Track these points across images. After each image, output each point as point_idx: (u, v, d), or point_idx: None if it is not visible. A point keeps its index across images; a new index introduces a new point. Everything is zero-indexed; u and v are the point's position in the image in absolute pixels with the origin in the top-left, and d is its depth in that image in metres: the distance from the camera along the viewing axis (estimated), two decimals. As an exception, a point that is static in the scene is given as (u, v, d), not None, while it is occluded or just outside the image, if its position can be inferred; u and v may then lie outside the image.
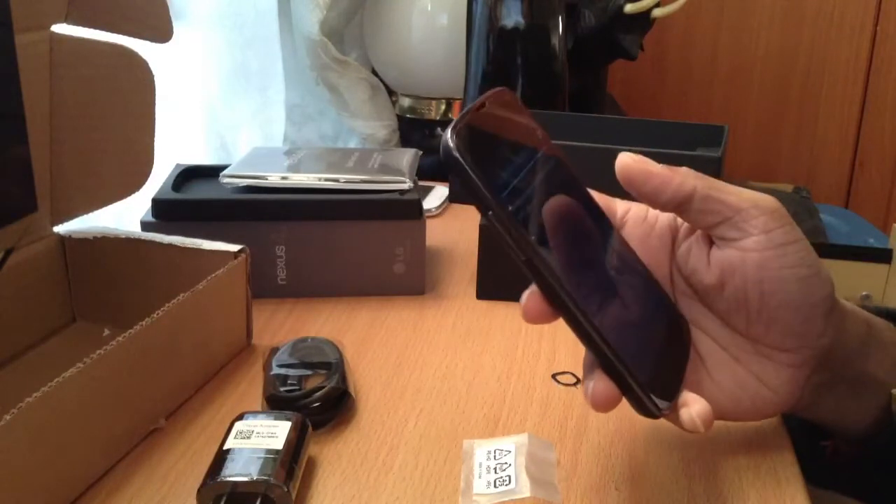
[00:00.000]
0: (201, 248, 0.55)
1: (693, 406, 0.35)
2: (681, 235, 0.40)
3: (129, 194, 0.61)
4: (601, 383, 0.35)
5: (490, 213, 0.33)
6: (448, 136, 0.32)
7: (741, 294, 0.37)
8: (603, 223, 0.38)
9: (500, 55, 0.91)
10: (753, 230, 0.36)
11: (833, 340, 0.39)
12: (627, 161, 0.37)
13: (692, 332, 0.40)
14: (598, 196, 0.39)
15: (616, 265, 0.36)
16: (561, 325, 0.63)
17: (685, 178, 0.37)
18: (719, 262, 0.37)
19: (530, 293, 0.35)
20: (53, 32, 0.54)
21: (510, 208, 0.32)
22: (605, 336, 0.34)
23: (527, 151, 0.35)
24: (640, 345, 0.35)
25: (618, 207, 0.40)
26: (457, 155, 0.32)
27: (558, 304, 0.34)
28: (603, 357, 0.34)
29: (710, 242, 0.38)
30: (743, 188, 0.38)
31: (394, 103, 1.11)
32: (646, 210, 0.40)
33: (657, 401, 0.35)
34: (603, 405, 0.35)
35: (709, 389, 0.39)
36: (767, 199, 0.37)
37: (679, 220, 0.39)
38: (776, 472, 0.45)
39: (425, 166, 0.75)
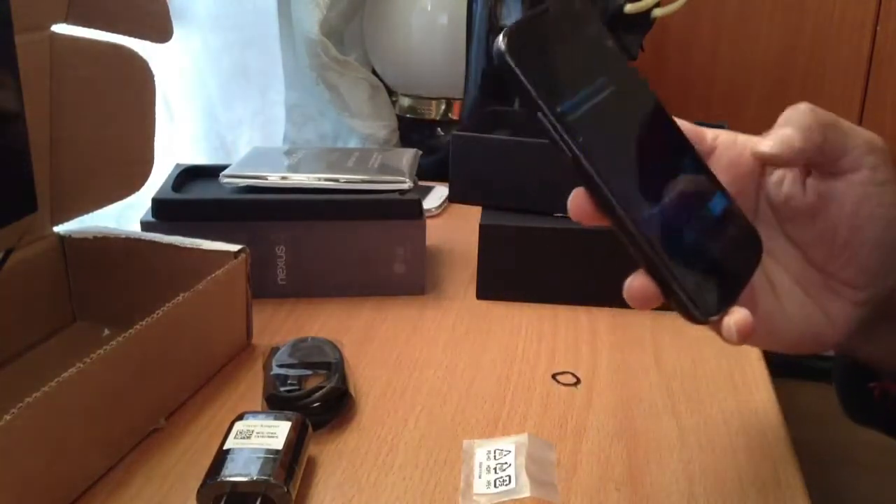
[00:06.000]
0: (201, 248, 0.55)
1: (734, 315, 0.35)
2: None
3: (129, 194, 0.61)
4: (639, 279, 0.35)
5: (539, 113, 0.33)
6: (500, 38, 0.33)
7: (831, 225, 0.37)
8: (673, 136, 0.38)
9: (500, 55, 0.91)
10: (862, 166, 0.37)
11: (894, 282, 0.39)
12: (770, 152, 0.37)
13: (767, 263, 0.40)
14: (683, 123, 0.39)
15: (682, 177, 0.37)
16: (561, 325, 0.63)
17: (814, 133, 0.36)
18: (817, 191, 0.37)
19: (576, 191, 0.35)
20: (53, 32, 0.54)
21: (559, 109, 0.33)
22: (649, 237, 0.34)
23: (588, 57, 0.36)
24: (692, 251, 0.36)
25: (707, 133, 0.40)
26: (508, 59, 0.33)
27: (603, 204, 0.34)
28: (645, 257, 0.35)
29: (807, 171, 0.38)
30: (848, 122, 0.38)
31: (394, 103, 1.11)
32: (735, 135, 0.40)
33: (702, 307, 0.35)
34: (638, 300, 0.35)
35: (779, 319, 0.39)
36: (875, 137, 0.38)
37: None
38: (776, 472, 0.45)
39: (425, 166, 0.75)
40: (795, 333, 0.39)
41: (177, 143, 0.92)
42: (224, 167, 0.66)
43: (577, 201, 0.35)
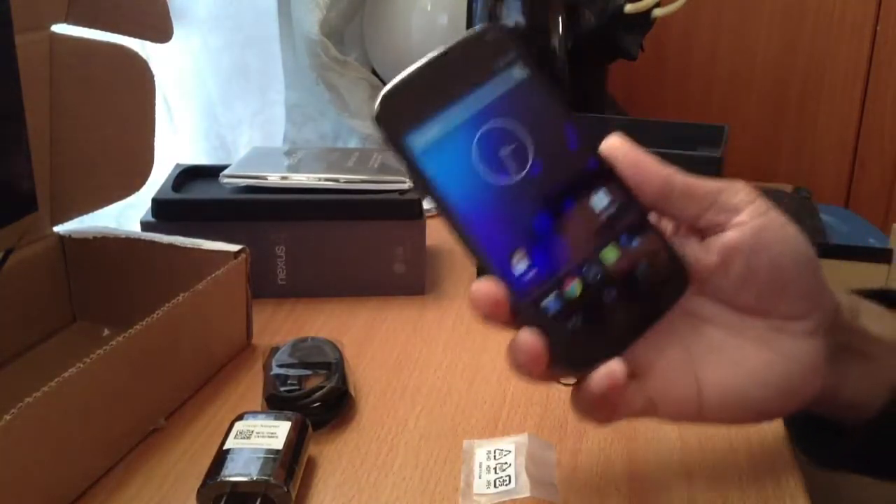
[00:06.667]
0: (201, 248, 0.55)
1: (605, 367, 0.35)
2: (668, 233, 0.39)
3: (129, 194, 0.61)
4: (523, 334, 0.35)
5: (413, 177, 0.34)
6: (377, 100, 0.33)
7: (747, 268, 0.37)
8: (584, 172, 0.36)
9: (500, 55, 0.91)
10: (741, 204, 0.37)
11: (833, 302, 0.39)
12: (613, 143, 0.37)
13: (710, 333, 0.38)
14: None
15: (574, 218, 0.35)
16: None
17: (664, 165, 0.37)
18: (717, 246, 0.37)
19: (477, 284, 0.34)
20: (53, 32, 0.54)
21: (429, 173, 0.33)
22: (514, 294, 0.34)
23: (481, 100, 0.35)
24: (575, 300, 0.34)
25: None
26: (378, 120, 0.33)
27: (470, 249, 0.34)
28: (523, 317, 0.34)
29: (699, 235, 0.38)
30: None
31: (394, 103, 1.11)
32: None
33: (569, 359, 0.35)
34: (528, 359, 0.35)
35: (742, 381, 0.38)
36: (734, 181, 0.38)
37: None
38: (776, 472, 0.45)
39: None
40: (768, 391, 0.38)
41: (177, 143, 0.92)
42: (224, 167, 0.66)
43: (483, 289, 0.34)
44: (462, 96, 0.34)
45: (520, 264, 0.34)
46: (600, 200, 0.36)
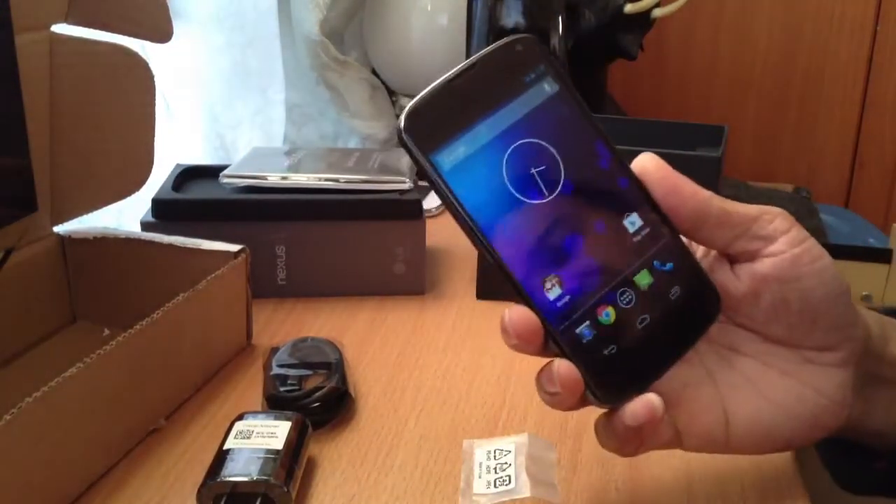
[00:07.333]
0: (201, 248, 0.55)
1: (638, 400, 0.34)
2: (699, 256, 0.38)
3: (129, 194, 0.61)
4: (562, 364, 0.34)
5: (440, 196, 0.33)
6: (402, 116, 0.32)
7: (779, 299, 0.36)
8: (609, 194, 0.35)
9: (500, 55, 0.91)
10: (776, 233, 0.36)
11: (864, 330, 0.38)
12: (648, 166, 0.35)
13: (737, 362, 0.38)
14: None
15: (602, 247, 0.34)
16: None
17: (699, 188, 0.35)
18: (749, 275, 0.36)
19: (511, 313, 0.33)
20: (53, 32, 0.54)
21: (457, 192, 0.32)
22: (548, 322, 0.33)
23: (511, 117, 0.33)
24: (599, 332, 0.34)
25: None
26: (404, 138, 0.32)
27: (506, 280, 0.33)
28: (553, 340, 0.34)
29: (729, 261, 0.37)
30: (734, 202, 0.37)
31: (394, 103, 1.11)
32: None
33: (602, 393, 0.34)
34: (569, 385, 0.34)
35: (770, 414, 0.37)
36: (771, 206, 0.37)
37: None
38: (777, 472, 0.45)
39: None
40: (796, 423, 0.37)
41: (177, 143, 0.92)
42: (224, 167, 0.66)
43: (519, 316, 0.33)
44: (491, 112, 0.33)
45: (552, 290, 0.33)
46: (633, 223, 0.35)
